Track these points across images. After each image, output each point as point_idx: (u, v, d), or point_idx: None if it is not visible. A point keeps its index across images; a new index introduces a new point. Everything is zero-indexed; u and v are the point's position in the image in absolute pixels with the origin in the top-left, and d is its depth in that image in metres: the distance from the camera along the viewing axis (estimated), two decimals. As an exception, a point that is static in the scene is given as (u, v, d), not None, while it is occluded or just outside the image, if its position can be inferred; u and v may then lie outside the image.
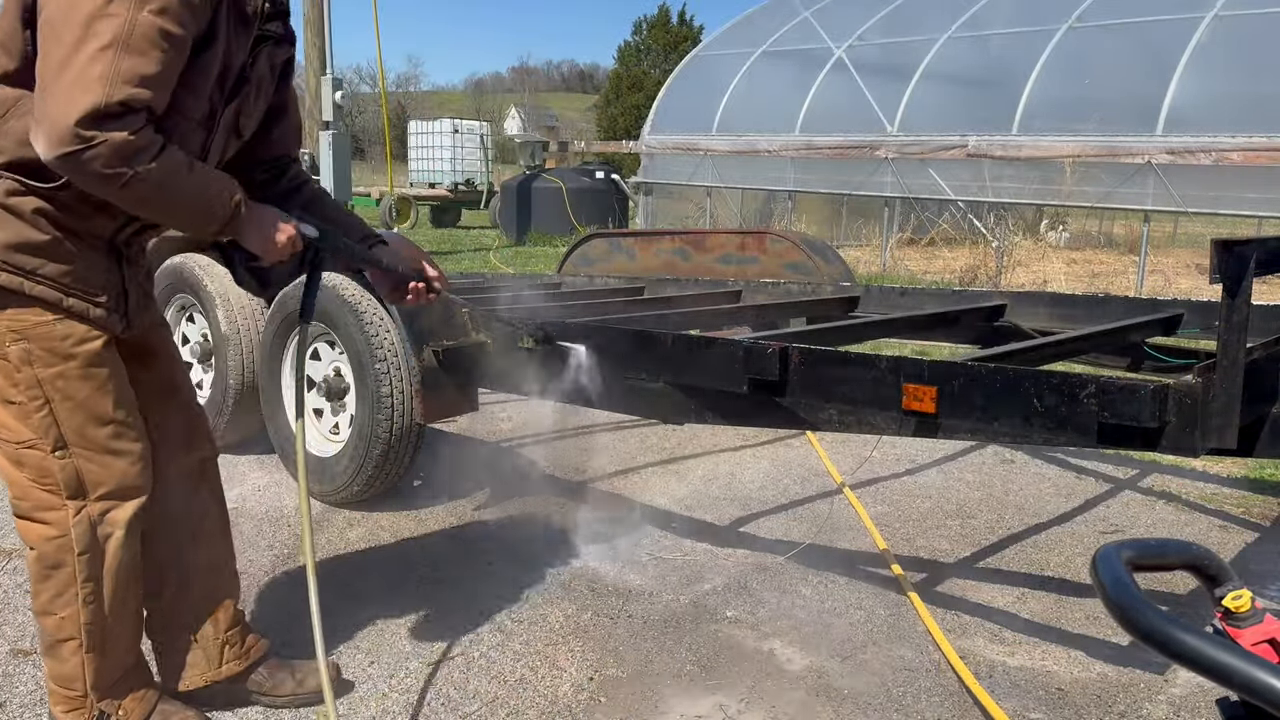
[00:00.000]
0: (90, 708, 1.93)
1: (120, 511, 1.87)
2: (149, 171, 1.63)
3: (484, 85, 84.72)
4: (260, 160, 2.09)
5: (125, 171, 1.61)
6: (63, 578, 1.84)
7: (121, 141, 1.58)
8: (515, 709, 2.25)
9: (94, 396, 1.82)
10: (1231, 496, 3.89)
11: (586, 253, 5.50)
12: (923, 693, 2.36)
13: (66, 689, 1.92)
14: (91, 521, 1.84)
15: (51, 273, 1.76)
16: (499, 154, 23.62)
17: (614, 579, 2.99)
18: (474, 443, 4.46)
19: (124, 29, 1.58)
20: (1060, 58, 10.97)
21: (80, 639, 1.88)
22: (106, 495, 1.85)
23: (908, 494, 3.89)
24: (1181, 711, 2.31)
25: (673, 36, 33.66)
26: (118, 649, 1.94)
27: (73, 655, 1.89)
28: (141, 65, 1.60)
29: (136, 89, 1.59)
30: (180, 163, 1.69)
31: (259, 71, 1.92)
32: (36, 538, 1.84)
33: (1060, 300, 3.79)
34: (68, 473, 1.81)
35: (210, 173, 1.78)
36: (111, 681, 1.95)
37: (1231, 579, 0.99)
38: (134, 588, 1.97)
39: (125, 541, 1.88)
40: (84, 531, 1.83)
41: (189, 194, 1.71)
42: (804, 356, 2.49)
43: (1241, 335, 2.05)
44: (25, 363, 1.77)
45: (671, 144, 14.38)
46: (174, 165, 1.67)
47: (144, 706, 2.00)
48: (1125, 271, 11.14)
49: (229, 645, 2.16)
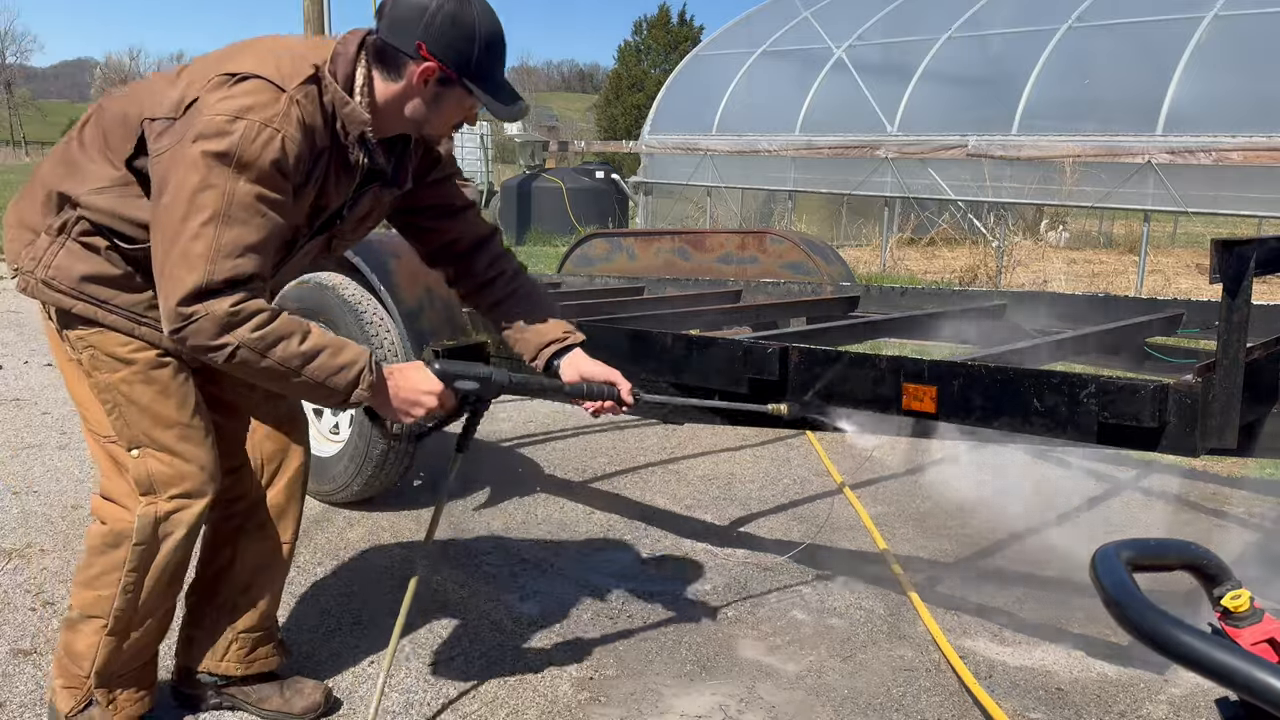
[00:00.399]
0: (86, 691, 1.95)
1: (185, 513, 1.90)
2: (254, 340, 1.66)
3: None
4: (437, 254, 2.15)
5: (229, 342, 1.65)
6: (114, 559, 1.88)
7: (223, 313, 1.63)
8: (515, 709, 2.25)
9: (157, 400, 1.87)
10: (1231, 496, 3.89)
11: (586, 253, 5.49)
12: (923, 693, 2.36)
13: (74, 665, 1.94)
14: (156, 518, 1.88)
15: (125, 303, 1.83)
16: (499, 154, 23.59)
17: (614, 579, 2.99)
18: (474, 443, 4.45)
19: (224, 201, 1.63)
20: (1060, 58, 10.96)
21: (107, 621, 1.90)
22: (176, 495, 1.89)
23: (908, 494, 3.89)
24: (1181, 711, 2.31)
25: (673, 36, 33.63)
26: (134, 646, 1.96)
27: (93, 635, 1.91)
28: (244, 235, 1.65)
29: (239, 259, 1.64)
30: (290, 332, 1.70)
31: (360, 209, 1.96)
32: (107, 515, 1.89)
33: (1060, 300, 3.79)
34: (139, 470, 1.87)
35: (333, 343, 1.76)
36: (116, 674, 1.96)
37: (1230, 579, 1.00)
38: (173, 591, 1.99)
39: (181, 542, 1.91)
40: (147, 524, 1.87)
41: (301, 366, 1.71)
42: (804, 356, 2.49)
43: (1241, 335, 2.05)
44: (94, 368, 1.85)
45: (671, 144, 14.38)
46: (282, 335, 1.69)
47: (136, 709, 2.01)
48: (1125, 271, 11.14)
49: (236, 645, 2.16)
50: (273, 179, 1.67)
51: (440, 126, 1.90)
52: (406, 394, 1.84)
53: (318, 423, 3.60)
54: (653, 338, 2.80)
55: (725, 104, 13.94)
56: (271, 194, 1.68)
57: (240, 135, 1.64)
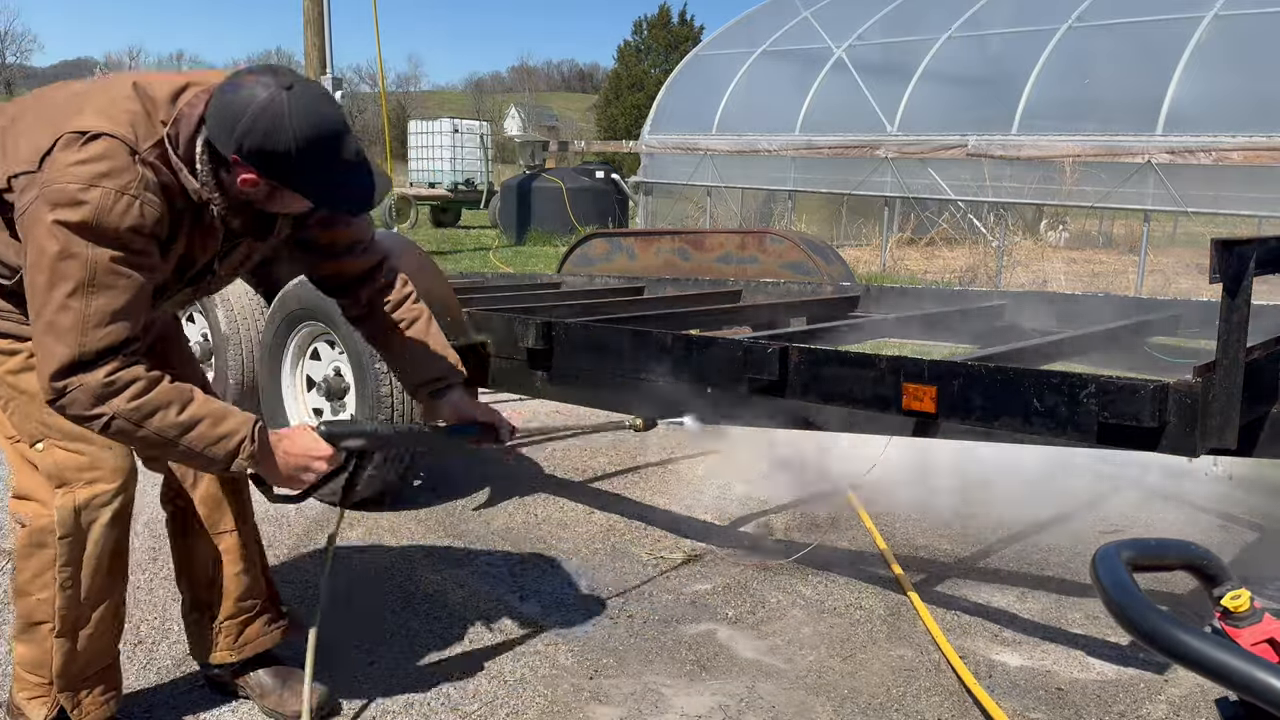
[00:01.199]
0: (52, 698, 1.91)
1: (104, 498, 1.86)
2: (129, 411, 1.63)
3: (484, 85, 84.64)
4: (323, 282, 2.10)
5: (104, 413, 1.62)
6: (44, 559, 1.84)
7: (97, 384, 1.60)
8: (515, 709, 2.25)
9: None
10: (1231, 496, 3.89)
11: (586, 253, 5.50)
12: (923, 693, 2.37)
13: (33, 674, 1.91)
14: (76, 507, 1.84)
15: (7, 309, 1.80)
16: (499, 154, 23.61)
17: (614, 579, 2.99)
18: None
19: (87, 270, 1.59)
20: (1060, 57, 10.96)
21: (54, 624, 1.87)
22: (91, 481, 1.85)
23: (908, 494, 3.89)
24: (1181, 711, 2.31)
25: (673, 36, 33.65)
26: (91, 643, 1.92)
27: (44, 640, 1.88)
28: (111, 301, 1.61)
29: (110, 327, 1.61)
30: (167, 402, 1.66)
31: (233, 260, 1.92)
32: (26, 514, 1.86)
33: (1060, 300, 3.79)
34: (47, 463, 1.83)
35: (214, 412, 1.72)
36: (79, 676, 1.92)
37: (1230, 579, 1.00)
38: (114, 581, 1.94)
39: (107, 528, 1.87)
40: (67, 515, 1.83)
41: (178, 435, 1.68)
42: (804, 356, 2.49)
43: (1241, 335, 2.05)
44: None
45: (671, 144, 14.38)
46: (158, 404, 1.65)
47: (103, 711, 1.97)
48: (1125, 271, 11.13)
49: (223, 635, 2.17)
50: (134, 242, 1.63)
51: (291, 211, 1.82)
52: (296, 460, 1.81)
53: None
54: (653, 338, 2.80)
55: (725, 104, 13.94)
56: (135, 256, 1.64)
57: (96, 205, 1.59)
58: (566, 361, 3.05)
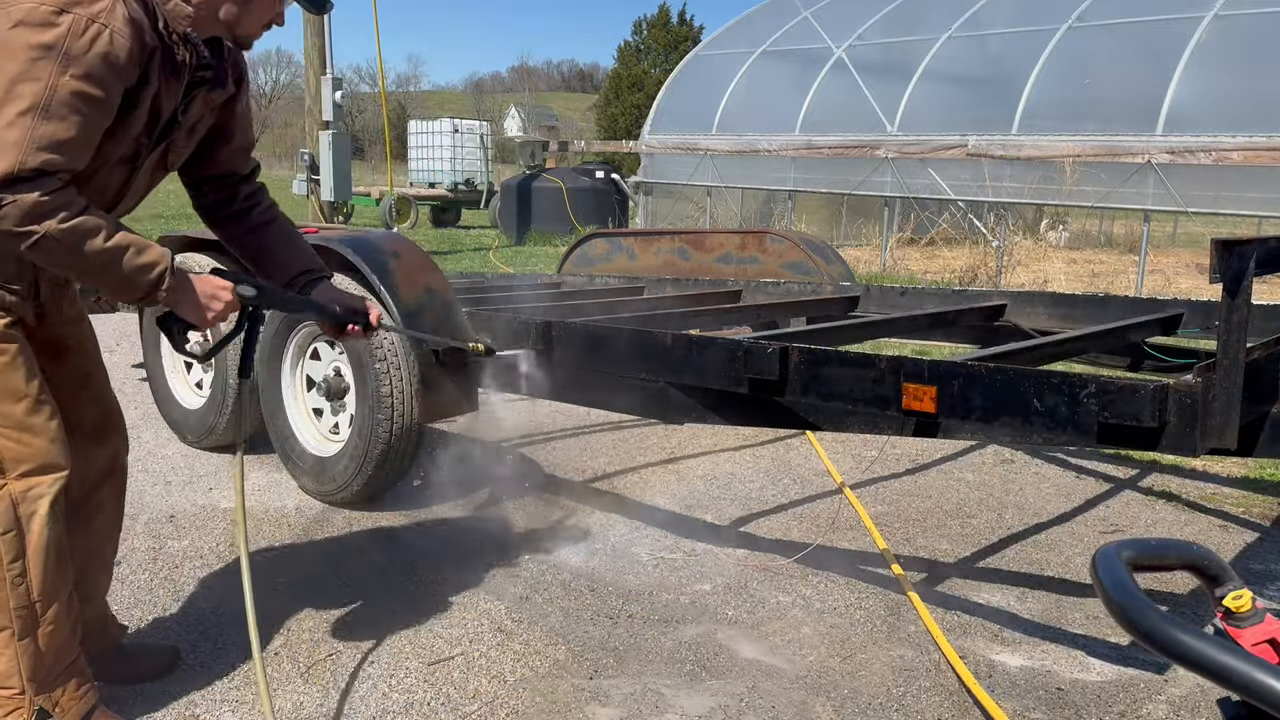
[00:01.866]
0: (28, 705, 1.89)
1: (41, 488, 1.85)
2: (61, 233, 1.65)
3: (484, 85, 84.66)
4: (207, 179, 2.16)
5: (34, 230, 1.63)
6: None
7: (31, 203, 1.61)
8: (515, 709, 2.25)
9: (4, 373, 1.81)
10: (1231, 496, 3.89)
11: (586, 253, 5.50)
12: (923, 693, 2.36)
13: (4, 687, 1.88)
14: (13, 499, 1.82)
15: None
16: (499, 154, 23.61)
17: (614, 579, 2.99)
18: (473, 443, 4.45)
19: (45, 94, 1.61)
20: (1060, 58, 10.96)
21: (12, 627, 1.85)
22: (28, 473, 1.83)
23: (908, 494, 3.89)
24: (1181, 711, 2.31)
25: (673, 36, 33.63)
26: (53, 640, 1.90)
27: (6, 647, 1.86)
28: (60, 131, 1.63)
29: (52, 155, 1.62)
30: (96, 228, 1.69)
31: (192, 115, 1.96)
32: None
33: (1060, 300, 3.79)
34: None
35: (137, 242, 1.77)
36: (50, 675, 1.90)
37: (1232, 579, 1.00)
38: (64, 573, 1.92)
39: (49, 520, 1.85)
40: (6, 509, 1.81)
41: (104, 261, 1.71)
42: (804, 356, 2.49)
43: (1241, 335, 2.05)
44: None
45: (671, 144, 14.37)
46: (88, 230, 1.68)
47: (81, 706, 1.96)
48: (1125, 271, 11.14)
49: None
50: (100, 77, 1.66)
51: (252, 27, 1.93)
52: (205, 290, 1.87)
53: (317, 423, 3.60)
54: (653, 338, 2.80)
55: (725, 104, 13.94)
56: (95, 92, 1.66)
57: (68, 29, 1.61)
58: (566, 361, 3.05)
